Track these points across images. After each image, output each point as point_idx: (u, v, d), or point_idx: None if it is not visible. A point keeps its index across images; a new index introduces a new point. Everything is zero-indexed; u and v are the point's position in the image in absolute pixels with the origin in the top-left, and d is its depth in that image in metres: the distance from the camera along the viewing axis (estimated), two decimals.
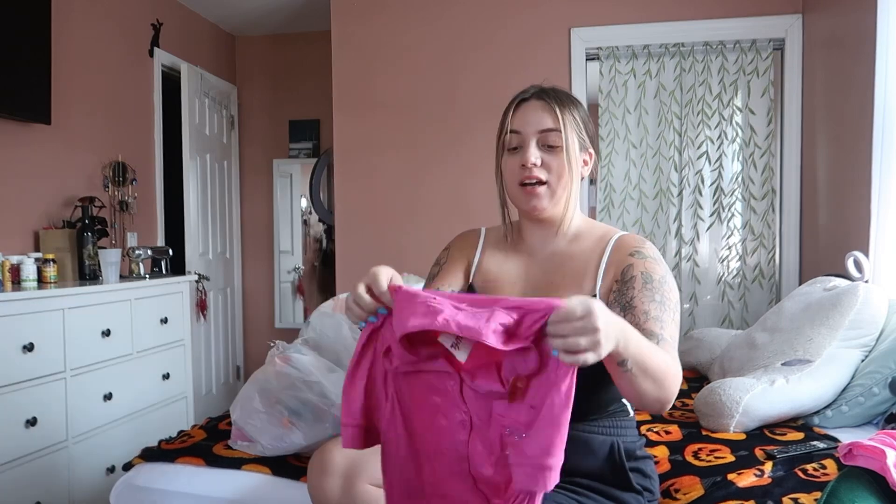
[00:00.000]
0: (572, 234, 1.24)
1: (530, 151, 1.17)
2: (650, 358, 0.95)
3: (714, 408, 1.65)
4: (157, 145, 3.64)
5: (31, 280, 2.36)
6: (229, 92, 4.35)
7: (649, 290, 1.10)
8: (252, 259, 4.54)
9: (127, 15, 3.39)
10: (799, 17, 3.05)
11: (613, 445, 1.15)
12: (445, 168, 3.40)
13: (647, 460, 1.23)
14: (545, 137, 1.18)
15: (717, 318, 3.16)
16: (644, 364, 0.93)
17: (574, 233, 1.24)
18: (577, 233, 1.24)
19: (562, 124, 1.17)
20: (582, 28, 3.23)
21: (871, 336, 1.80)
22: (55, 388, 2.29)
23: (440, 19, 3.39)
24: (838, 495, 1.14)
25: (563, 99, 1.21)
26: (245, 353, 4.51)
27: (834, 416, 1.70)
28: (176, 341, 3.03)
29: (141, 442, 2.43)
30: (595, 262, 1.18)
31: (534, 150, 1.17)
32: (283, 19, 4.19)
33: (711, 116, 3.14)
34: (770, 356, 1.87)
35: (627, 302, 1.10)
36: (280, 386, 1.40)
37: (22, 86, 2.58)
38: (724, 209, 3.15)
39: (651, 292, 1.09)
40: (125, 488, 1.54)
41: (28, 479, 2.16)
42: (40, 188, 2.81)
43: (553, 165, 1.18)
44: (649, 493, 1.19)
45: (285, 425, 1.40)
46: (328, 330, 1.52)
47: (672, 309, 1.09)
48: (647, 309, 1.08)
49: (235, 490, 1.46)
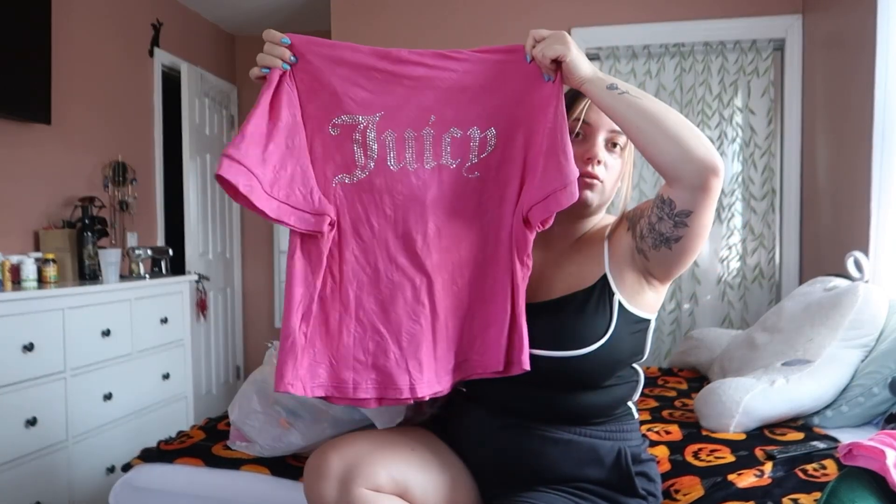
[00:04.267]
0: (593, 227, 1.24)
1: (598, 147, 1.17)
2: (650, 98, 1.02)
3: (714, 408, 1.65)
4: (157, 145, 3.64)
5: (31, 280, 2.37)
6: (229, 92, 4.35)
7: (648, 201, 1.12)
8: (252, 259, 4.54)
9: (127, 15, 3.39)
10: (799, 17, 3.04)
11: (620, 452, 1.14)
12: None
13: (651, 463, 1.22)
14: (614, 137, 1.18)
15: (717, 318, 3.16)
16: (641, 94, 1.01)
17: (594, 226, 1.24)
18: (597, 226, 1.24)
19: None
20: (582, 28, 3.23)
21: (871, 336, 1.80)
22: (55, 388, 2.29)
23: (440, 19, 3.39)
24: (838, 495, 1.14)
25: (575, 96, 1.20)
26: (245, 353, 4.51)
27: (834, 417, 1.70)
28: (176, 341, 3.03)
29: (141, 442, 2.43)
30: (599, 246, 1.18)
31: (600, 146, 1.17)
32: (283, 19, 4.19)
33: (711, 116, 3.13)
34: (770, 356, 1.86)
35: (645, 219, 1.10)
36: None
37: (22, 86, 2.59)
38: (724, 209, 3.15)
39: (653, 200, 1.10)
40: (124, 489, 1.54)
41: (28, 479, 2.16)
42: (40, 188, 2.81)
43: (611, 165, 1.19)
44: (654, 498, 1.19)
45: (283, 426, 1.40)
46: None
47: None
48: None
49: (234, 490, 1.46)
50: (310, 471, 1.12)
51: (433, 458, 1.18)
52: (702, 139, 0.99)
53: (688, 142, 0.98)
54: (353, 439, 1.16)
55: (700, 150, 0.98)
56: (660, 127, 0.99)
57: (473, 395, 1.22)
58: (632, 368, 1.20)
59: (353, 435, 1.20)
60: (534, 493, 1.12)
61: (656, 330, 2.97)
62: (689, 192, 1.01)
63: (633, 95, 1.01)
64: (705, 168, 0.98)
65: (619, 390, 1.18)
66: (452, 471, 1.19)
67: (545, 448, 1.14)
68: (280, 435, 1.42)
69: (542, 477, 1.15)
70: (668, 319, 3.19)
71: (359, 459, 1.10)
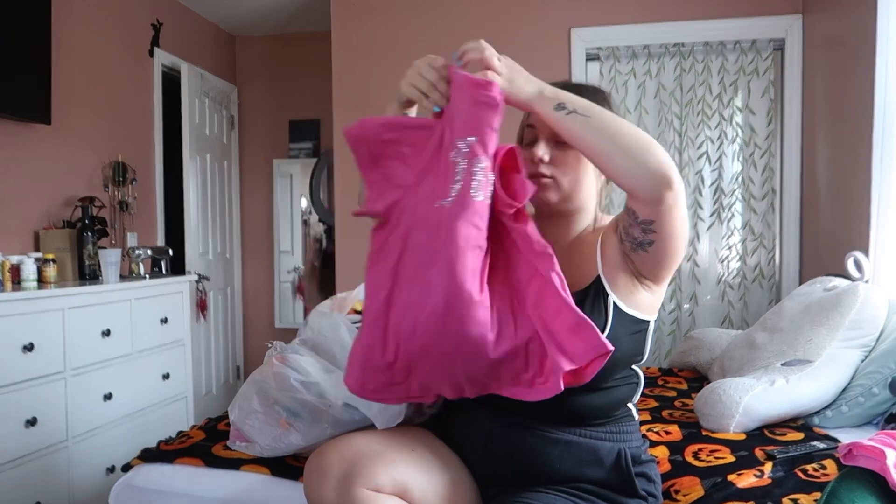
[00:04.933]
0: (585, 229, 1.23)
1: (540, 147, 1.16)
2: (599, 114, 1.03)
3: (714, 408, 1.65)
4: (157, 145, 3.64)
5: (31, 280, 2.37)
6: (229, 92, 4.35)
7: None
8: (252, 259, 4.54)
9: (127, 15, 3.39)
10: (799, 17, 3.04)
11: (620, 453, 1.15)
12: None
13: (651, 464, 1.23)
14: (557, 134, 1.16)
15: (717, 318, 3.16)
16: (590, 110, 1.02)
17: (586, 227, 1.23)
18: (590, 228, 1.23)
19: None
20: (582, 28, 3.23)
21: (871, 336, 1.80)
22: (55, 388, 2.29)
23: (440, 19, 3.39)
24: (838, 496, 1.14)
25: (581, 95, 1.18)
26: (245, 353, 4.51)
27: (834, 417, 1.70)
28: (176, 341, 3.03)
29: (141, 442, 2.43)
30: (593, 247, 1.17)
31: (542, 145, 1.16)
32: (283, 19, 4.19)
33: (711, 116, 3.13)
34: (770, 356, 1.86)
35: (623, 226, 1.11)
36: (277, 386, 1.40)
37: (22, 86, 2.59)
38: (724, 209, 3.15)
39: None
40: (124, 489, 1.54)
41: (28, 479, 2.16)
42: (40, 188, 2.81)
43: (561, 161, 1.17)
44: (654, 499, 1.19)
45: (283, 426, 1.40)
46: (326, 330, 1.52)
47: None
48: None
49: (234, 490, 1.45)
50: (310, 471, 1.12)
51: (433, 459, 1.18)
52: (653, 153, 1.00)
53: (639, 156, 0.99)
54: (353, 439, 1.16)
55: (651, 165, 0.99)
56: (610, 143, 1.01)
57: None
58: (631, 370, 1.20)
59: (354, 435, 1.20)
60: (534, 493, 1.12)
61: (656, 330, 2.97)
62: (645, 204, 1.02)
63: (581, 114, 1.02)
64: (658, 182, 0.99)
65: (618, 392, 1.17)
66: (452, 471, 1.19)
67: (545, 448, 1.14)
68: (280, 435, 1.42)
69: (542, 477, 1.15)
70: (668, 319, 3.20)
71: (359, 459, 1.10)
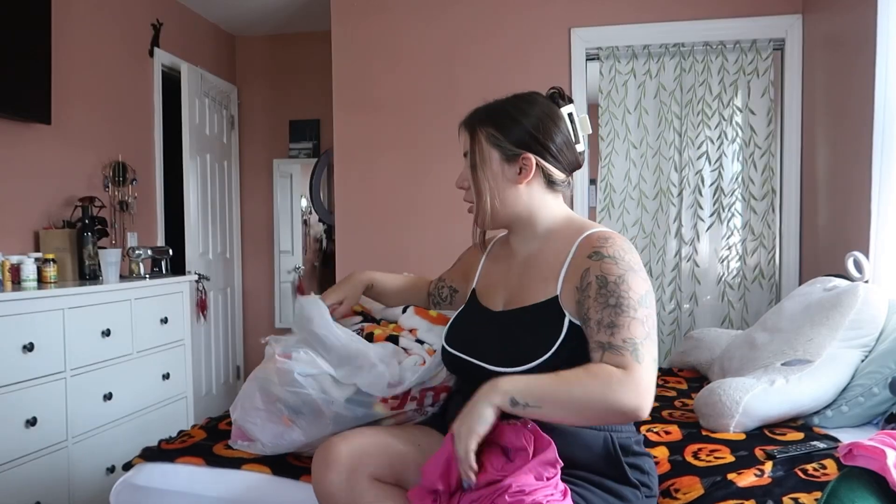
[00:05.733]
0: (544, 234, 1.26)
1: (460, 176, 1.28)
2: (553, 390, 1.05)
3: (714, 408, 1.65)
4: (157, 145, 3.64)
5: (31, 280, 2.36)
6: (229, 92, 4.35)
7: (603, 295, 1.09)
8: (252, 259, 4.54)
9: (127, 15, 3.39)
10: (799, 17, 3.05)
11: (607, 439, 1.15)
12: (445, 168, 3.39)
13: (646, 457, 1.23)
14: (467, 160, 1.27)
15: (717, 318, 3.16)
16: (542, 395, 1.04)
17: (546, 233, 1.26)
18: (551, 233, 1.25)
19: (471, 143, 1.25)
20: (582, 28, 3.24)
21: (871, 336, 1.80)
22: (55, 388, 2.29)
23: (440, 19, 3.39)
24: (838, 495, 1.14)
25: (480, 116, 1.26)
26: (245, 353, 4.51)
27: (834, 417, 1.70)
28: (176, 341, 3.03)
29: (141, 442, 2.43)
30: (559, 263, 1.18)
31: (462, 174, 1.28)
32: (283, 19, 4.19)
33: (711, 116, 3.14)
34: (770, 356, 1.86)
35: (584, 314, 1.11)
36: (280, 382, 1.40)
37: (22, 86, 2.58)
38: (724, 209, 3.15)
39: (605, 297, 1.08)
40: (125, 488, 1.54)
41: (28, 479, 2.16)
42: (40, 188, 2.81)
43: (469, 184, 1.27)
44: (647, 489, 1.19)
45: (285, 423, 1.40)
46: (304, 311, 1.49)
47: (631, 307, 1.07)
48: (599, 318, 1.08)
49: (235, 490, 1.45)
50: (318, 461, 1.17)
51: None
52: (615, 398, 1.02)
53: (602, 409, 1.03)
54: (361, 432, 1.23)
55: (617, 408, 1.02)
56: (573, 413, 1.06)
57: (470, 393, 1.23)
58: None
59: (361, 429, 1.27)
60: None
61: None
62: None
63: (533, 405, 1.04)
64: (631, 414, 1.03)
65: None
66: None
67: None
68: (282, 432, 1.42)
69: None
70: (668, 319, 3.20)
71: (366, 450, 1.17)
